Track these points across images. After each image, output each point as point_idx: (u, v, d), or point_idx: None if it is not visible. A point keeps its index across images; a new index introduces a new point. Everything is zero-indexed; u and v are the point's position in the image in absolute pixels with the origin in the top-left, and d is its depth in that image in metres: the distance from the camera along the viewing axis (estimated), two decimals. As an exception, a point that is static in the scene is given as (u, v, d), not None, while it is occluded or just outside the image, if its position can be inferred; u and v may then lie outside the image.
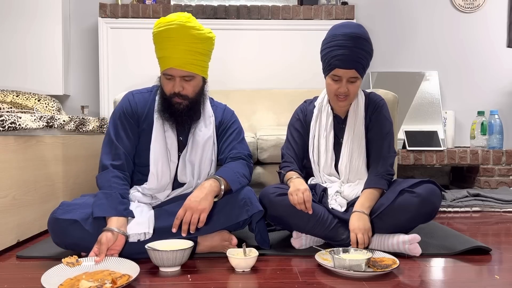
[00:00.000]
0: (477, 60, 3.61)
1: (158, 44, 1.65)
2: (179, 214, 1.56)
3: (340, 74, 1.72)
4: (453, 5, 3.59)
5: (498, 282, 1.39)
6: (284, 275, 1.45)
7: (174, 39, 1.60)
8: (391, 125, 1.85)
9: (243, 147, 1.84)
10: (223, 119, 1.85)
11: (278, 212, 1.72)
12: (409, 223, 1.68)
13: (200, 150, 1.75)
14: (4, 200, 1.72)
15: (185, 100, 1.68)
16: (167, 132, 1.73)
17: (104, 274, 1.35)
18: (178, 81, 1.65)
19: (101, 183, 1.64)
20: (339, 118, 1.87)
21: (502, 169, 3.10)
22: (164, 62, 1.64)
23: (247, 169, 1.77)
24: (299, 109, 1.97)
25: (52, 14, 3.27)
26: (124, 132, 1.72)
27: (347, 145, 1.82)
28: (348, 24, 1.75)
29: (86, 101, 3.44)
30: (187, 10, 3.34)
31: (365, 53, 1.71)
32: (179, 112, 1.68)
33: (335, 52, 1.70)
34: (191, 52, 1.62)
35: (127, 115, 1.74)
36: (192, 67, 1.64)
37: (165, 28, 1.60)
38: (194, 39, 1.62)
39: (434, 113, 3.35)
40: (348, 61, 1.69)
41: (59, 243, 1.61)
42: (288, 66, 3.40)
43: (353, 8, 3.40)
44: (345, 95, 1.75)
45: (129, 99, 1.77)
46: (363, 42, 1.70)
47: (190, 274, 1.46)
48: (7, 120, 1.74)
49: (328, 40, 1.75)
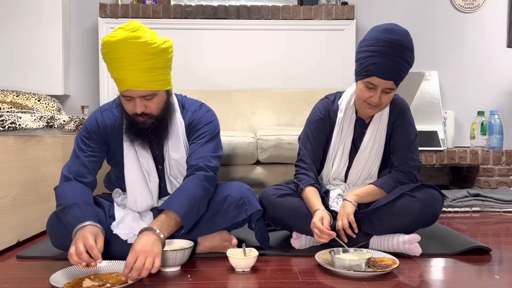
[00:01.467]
0: (477, 60, 3.61)
1: (109, 65, 1.48)
2: (129, 262, 1.29)
3: (377, 83, 1.58)
4: (453, 5, 3.59)
5: (498, 282, 1.39)
6: (284, 275, 1.45)
7: (124, 60, 1.43)
8: (416, 132, 1.76)
9: (204, 149, 1.63)
10: (191, 120, 1.68)
11: (278, 213, 1.72)
12: (409, 227, 1.67)
13: (178, 163, 1.64)
14: (4, 200, 1.72)
15: (150, 118, 1.54)
16: (139, 153, 1.62)
17: (112, 276, 1.36)
18: (139, 102, 1.49)
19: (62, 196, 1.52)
20: (361, 121, 1.76)
21: (502, 169, 3.10)
22: (120, 84, 1.48)
23: (200, 189, 1.54)
24: (321, 106, 1.81)
25: (52, 14, 3.27)
26: (88, 150, 1.62)
27: (365, 152, 1.73)
28: (394, 30, 1.56)
29: (86, 101, 3.44)
30: (187, 10, 3.34)
31: (407, 64, 1.58)
32: (145, 130, 1.55)
33: (376, 59, 1.56)
34: (147, 69, 1.45)
35: (92, 134, 1.62)
36: (151, 85, 1.48)
37: (113, 49, 1.42)
38: (146, 56, 1.43)
39: (434, 113, 3.35)
40: (388, 71, 1.55)
41: (58, 246, 1.61)
42: (288, 66, 3.40)
43: (353, 8, 3.40)
44: (377, 104, 1.63)
45: (96, 118, 1.64)
46: (408, 53, 1.56)
47: (190, 274, 1.46)
48: (7, 120, 1.74)
49: (370, 43, 1.58)
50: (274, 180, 2.62)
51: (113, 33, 1.44)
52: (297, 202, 1.71)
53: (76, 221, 1.42)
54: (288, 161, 2.64)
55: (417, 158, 1.75)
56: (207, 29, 3.36)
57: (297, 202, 1.71)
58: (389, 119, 1.75)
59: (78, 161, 1.62)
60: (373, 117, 1.74)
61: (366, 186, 1.71)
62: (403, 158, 1.73)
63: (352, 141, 1.76)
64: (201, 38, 3.34)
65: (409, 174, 1.72)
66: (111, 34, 1.44)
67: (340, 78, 3.39)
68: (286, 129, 2.76)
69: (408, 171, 1.72)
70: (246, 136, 2.62)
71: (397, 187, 1.69)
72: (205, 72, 3.36)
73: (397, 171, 1.73)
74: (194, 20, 3.34)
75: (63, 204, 1.50)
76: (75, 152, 1.64)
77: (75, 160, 1.62)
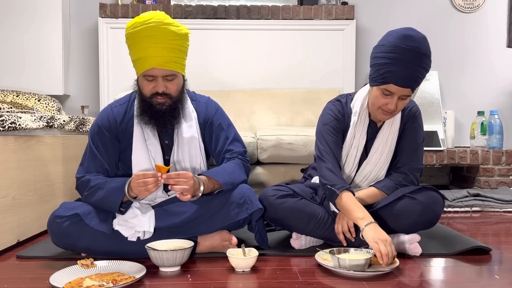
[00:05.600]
0: (477, 60, 3.61)
1: (135, 44, 1.57)
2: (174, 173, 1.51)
3: (394, 90, 1.55)
4: (453, 5, 3.59)
5: (498, 282, 1.39)
6: (284, 275, 1.45)
7: (154, 37, 1.54)
8: (423, 135, 1.75)
9: (237, 145, 1.78)
10: (207, 116, 1.77)
11: (278, 214, 1.72)
12: (409, 228, 1.66)
13: (186, 148, 1.69)
14: (4, 200, 1.72)
15: (168, 99, 1.62)
16: (148, 140, 1.67)
17: (113, 276, 1.36)
18: (161, 81, 1.59)
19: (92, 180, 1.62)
20: (373, 125, 1.73)
21: (502, 169, 3.10)
22: (144, 63, 1.57)
23: (242, 168, 1.73)
24: (335, 108, 1.75)
25: (52, 14, 3.27)
26: (103, 147, 1.67)
27: (375, 157, 1.71)
28: (413, 36, 1.51)
29: (86, 101, 3.44)
30: (187, 10, 3.34)
31: (424, 71, 1.55)
32: (161, 113, 1.62)
33: (394, 66, 1.51)
34: (172, 49, 1.57)
35: (104, 131, 1.68)
36: (174, 65, 1.59)
37: (144, 27, 1.54)
38: (174, 36, 1.57)
39: (434, 113, 3.35)
40: (406, 79, 1.52)
41: (58, 244, 1.61)
42: (288, 66, 3.41)
43: (353, 8, 3.40)
44: (392, 111, 1.60)
45: (107, 114, 1.71)
46: (426, 60, 1.52)
47: (190, 274, 1.46)
48: (7, 120, 1.74)
49: (387, 49, 1.53)
50: (274, 180, 2.62)
51: (140, 16, 1.57)
52: (297, 203, 1.70)
53: (121, 182, 1.57)
54: (288, 161, 2.64)
55: (421, 161, 1.74)
56: (207, 29, 3.36)
57: (297, 203, 1.71)
58: (400, 123, 1.73)
59: (96, 161, 1.66)
60: (384, 121, 1.72)
61: (367, 189, 1.71)
62: (407, 160, 1.72)
63: (364, 146, 1.73)
64: (201, 38, 3.34)
65: (410, 176, 1.71)
66: (139, 16, 1.57)
67: (340, 78, 3.39)
68: (286, 129, 2.76)
69: (411, 173, 1.71)
70: (246, 136, 2.62)
71: (397, 189, 1.69)
72: (205, 72, 3.36)
73: (399, 173, 1.72)
74: (194, 20, 3.34)
75: (96, 185, 1.59)
76: (92, 151, 1.67)
77: (92, 161, 1.67)
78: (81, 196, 1.67)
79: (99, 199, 1.59)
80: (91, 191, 1.61)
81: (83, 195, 1.65)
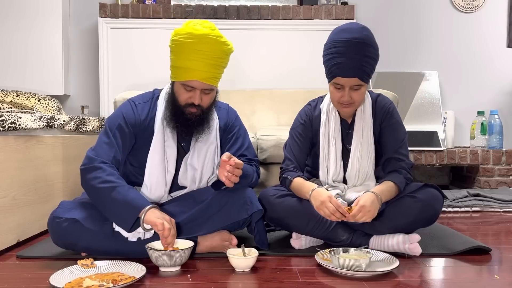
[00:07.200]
0: (477, 60, 3.61)
1: (183, 53, 1.57)
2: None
3: (342, 82, 1.63)
4: (453, 5, 3.59)
5: (498, 282, 1.39)
6: (284, 275, 1.45)
7: (205, 54, 1.55)
8: (405, 131, 1.78)
9: (251, 152, 1.82)
10: (228, 121, 1.80)
11: (277, 214, 1.72)
12: (409, 226, 1.67)
13: (203, 154, 1.70)
14: (4, 200, 1.72)
15: (200, 110, 1.63)
16: (167, 142, 1.67)
17: (113, 276, 1.36)
18: (199, 94, 1.60)
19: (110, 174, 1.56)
20: (345, 123, 1.78)
21: (502, 169, 3.10)
22: (187, 73, 1.57)
23: (255, 174, 1.76)
24: (303, 112, 1.86)
25: (52, 14, 3.27)
26: (121, 139, 1.65)
27: (356, 152, 1.74)
28: (350, 28, 1.62)
29: (86, 101, 3.44)
30: (187, 10, 3.34)
31: (369, 59, 1.60)
32: (190, 122, 1.63)
33: (336, 60, 1.61)
34: (217, 66, 1.60)
35: (127, 124, 1.66)
36: (214, 81, 1.62)
37: (197, 41, 1.54)
38: (222, 54, 1.60)
39: (434, 113, 3.35)
40: (350, 69, 1.59)
41: (58, 243, 1.61)
42: (288, 66, 3.40)
43: (353, 8, 3.40)
44: (349, 102, 1.67)
45: (132, 108, 1.69)
46: (366, 48, 1.59)
47: (190, 274, 1.46)
48: (7, 120, 1.74)
49: (329, 45, 1.65)
50: (274, 180, 2.61)
51: (193, 26, 1.56)
52: (297, 203, 1.71)
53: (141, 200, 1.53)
54: (288, 161, 2.64)
55: (409, 156, 1.76)
56: (207, 29, 3.35)
57: (297, 202, 1.71)
58: (375, 120, 1.76)
59: (111, 150, 1.62)
60: (355, 116, 1.76)
61: (385, 183, 1.66)
62: (394, 157, 1.72)
63: (342, 143, 1.77)
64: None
65: (408, 174, 1.71)
66: (193, 27, 1.56)
67: (340, 78, 3.39)
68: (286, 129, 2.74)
69: (406, 171, 1.71)
70: (246, 136, 2.62)
71: (407, 184, 1.69)
72: (205, 72, 3.36)
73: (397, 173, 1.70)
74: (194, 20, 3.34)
75: (111, 182, 1.53)
76: (109, 139, 1.63)
77: (107, 149, 1.61)
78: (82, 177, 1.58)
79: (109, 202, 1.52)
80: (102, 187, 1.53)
81: (86, 178, 1.56)
